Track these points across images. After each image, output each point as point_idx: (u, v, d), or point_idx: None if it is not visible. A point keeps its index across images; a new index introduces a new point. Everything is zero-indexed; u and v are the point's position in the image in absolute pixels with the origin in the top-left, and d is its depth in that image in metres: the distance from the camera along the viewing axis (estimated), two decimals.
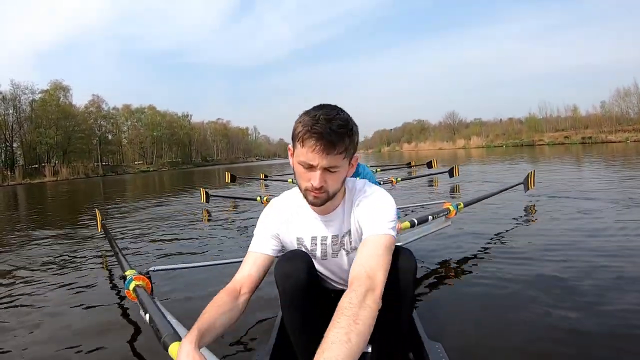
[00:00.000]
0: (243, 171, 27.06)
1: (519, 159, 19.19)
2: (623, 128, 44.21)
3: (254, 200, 6.10)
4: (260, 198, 5.76)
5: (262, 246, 1.29)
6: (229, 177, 11.54)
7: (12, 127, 48.04)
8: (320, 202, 1.17)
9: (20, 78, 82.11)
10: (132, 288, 1.92)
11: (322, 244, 1.30)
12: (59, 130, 51.11)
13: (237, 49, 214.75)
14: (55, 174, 45.77)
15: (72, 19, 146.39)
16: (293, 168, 1.17)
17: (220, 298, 1.13)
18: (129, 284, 1.95)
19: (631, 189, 6.05)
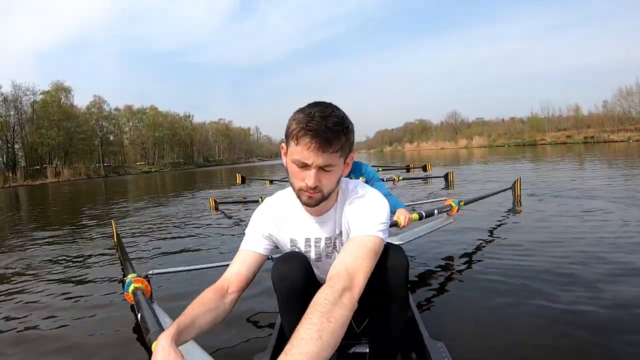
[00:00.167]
0: (246, 171, 27.07)
1: (522, 158, 19.14)
2: (625, 127, 44.09)
3: (257, 202, 6.14)
4: (262, 199, 5.77)
5: (253, 244, 1.25)
6: (239, 178, 11.47)
7: (14, 129, 48.00)
8: (314, 202, 1.14)
9: (22, 79, 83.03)
10: (131, 290, 1.91)
11: (315, 246, 1.28)
12: (61, 132, 51.25)
13: (239, 49, 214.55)
14: (57, 175, 45.83)
15: (73, 19, 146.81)
16: (286, 167, 1.14)
17: (205, 295, 1.10)
18: (128, 287, 1.95)
19: (634, 188, 6.04)
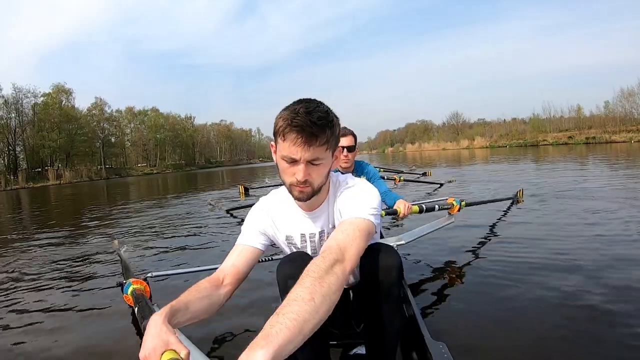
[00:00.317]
0: (248, 173, 27.01)
1: (524, 158, 19.06)
2: (627, 128, 43.88)
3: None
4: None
5: (249, 239, 1.28)
6: (242, 190, 9.62)
7: (15, 131, 47.99)
8: (305, 196, 1.16)
9: (23, 81, 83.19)
10: (130, 292, 1.89)
11: (311, 241, 1.30)
12: (62, 134, 51.29)
13: (240, 50, 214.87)
14: (58, 178, 45.73)
15: (74, 20, 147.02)
16: (277, 165, 1.18)
17: (201, 284, 1.12)
18: (127, 289, 1.92)
19: (634, 187, 6.03)
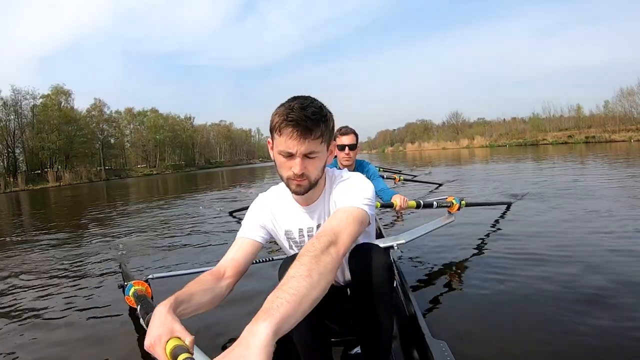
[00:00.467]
0: (248, 173, 26.95)
1: (524, 158, 19.06)
2: (626, 127, 43.83)
3: None
4: None
5: (249, 232, 1.31)
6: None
7: (14, 133, 47.79)
8: (303, 190, 1.19)
9: (22, 83, 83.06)
10: (132, 293, 1.88)
11: (309, 235, 1.33)
12: (61, 135, 51.08)
13: (240, 50, 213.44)
14: (58, 179, 45.57)
15: (74, 21, 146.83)
16: (274, 160, 1.21)
17: (203, 277, 1.15)
18: (129, 290, 1.91)
19: (633, 185, 6.05)
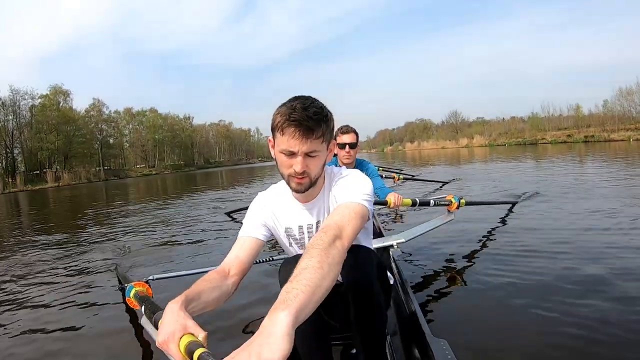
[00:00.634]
0: (247, 173, 26.93)
1: (523, 157, 19.10)
2: (625, 127, 43.90)
3: None
4: None
5: (250, 230, 1.32)
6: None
7: (13, 133, 47.71)
8: (303, 187, 1.21)
9: (21, 83, 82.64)
10: (133, 294, 1.85)
11: (308, 232, 1.34)
12: (60, 135, 50.91)
13: (239, 50, 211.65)
14: (57, 180, 45.48)
15: (73, 21, 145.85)
16: (275, 159, 1.23)
17: (209, 275, 1.16)
18: (129, 292, 1.88)
19: (633, 184, 6.07)
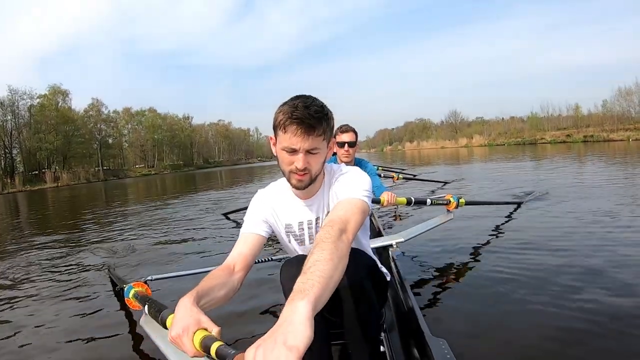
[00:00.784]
0: (246, 173, 26.92)
1: (522, 156, 19.10)
2: (624, 127, 43.99)
3: None
4: None
5: (252, 227, 1.34)
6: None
7: (11, 134, 47.42)
8: (304, 184, 1.23)
9: (20, 83, 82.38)
10: (132, 295, 1.85)
11: (308, 228, 1.36)
12: (59, 135, 50.60)
13: (239, 49, 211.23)
14: (56, 180, 45.15)
15: (73, 21, 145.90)
16: (277, 156, 1.25)
17: (216, 272, 1.18)
18: (128, 292, 1.88)
19: (634, 186, 6.06)
